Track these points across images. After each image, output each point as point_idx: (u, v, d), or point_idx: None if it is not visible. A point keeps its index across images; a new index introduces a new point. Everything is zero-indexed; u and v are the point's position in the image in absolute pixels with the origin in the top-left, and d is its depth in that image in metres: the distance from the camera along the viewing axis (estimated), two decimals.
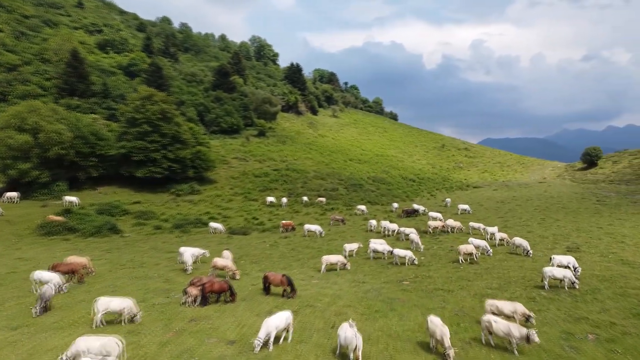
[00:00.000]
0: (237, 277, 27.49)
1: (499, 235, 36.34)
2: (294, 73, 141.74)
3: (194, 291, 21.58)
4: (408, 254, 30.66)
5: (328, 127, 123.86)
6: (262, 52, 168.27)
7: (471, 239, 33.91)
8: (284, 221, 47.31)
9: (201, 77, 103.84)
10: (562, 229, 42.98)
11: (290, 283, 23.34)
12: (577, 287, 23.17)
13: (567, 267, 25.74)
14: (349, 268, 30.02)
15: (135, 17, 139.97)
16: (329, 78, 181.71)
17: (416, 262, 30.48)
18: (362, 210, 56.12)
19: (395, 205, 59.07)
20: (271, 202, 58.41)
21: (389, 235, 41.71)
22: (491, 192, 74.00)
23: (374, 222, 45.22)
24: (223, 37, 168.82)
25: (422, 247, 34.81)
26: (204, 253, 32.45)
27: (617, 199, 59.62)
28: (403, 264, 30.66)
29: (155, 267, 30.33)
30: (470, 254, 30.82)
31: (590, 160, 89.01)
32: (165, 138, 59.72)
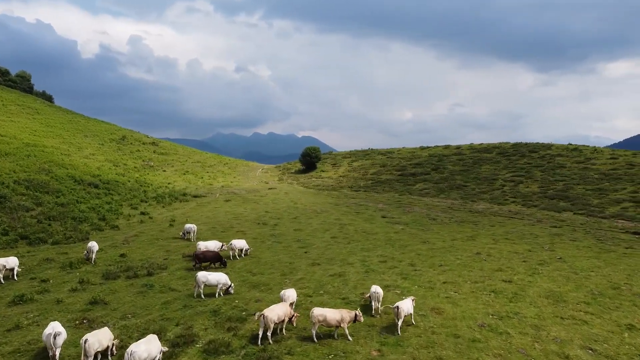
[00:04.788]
0: None
1: None
2: None
3: None
4: None
5: None
6: None
7: None
8: None
9: None
10: (475, 299, 21.60)
11: None
12: None
13: None
14: None
15: None
16: None
17: None
18: (12, 268, 24.29)
19: (94, 246, 28.42)
20: None
21: None
22: (226, 205, 53.51)
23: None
24: None
25: None
26: None
27: (404, 215, 48.23)
28: None
29: None
30: None
31: (310, 162, 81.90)
32: None
